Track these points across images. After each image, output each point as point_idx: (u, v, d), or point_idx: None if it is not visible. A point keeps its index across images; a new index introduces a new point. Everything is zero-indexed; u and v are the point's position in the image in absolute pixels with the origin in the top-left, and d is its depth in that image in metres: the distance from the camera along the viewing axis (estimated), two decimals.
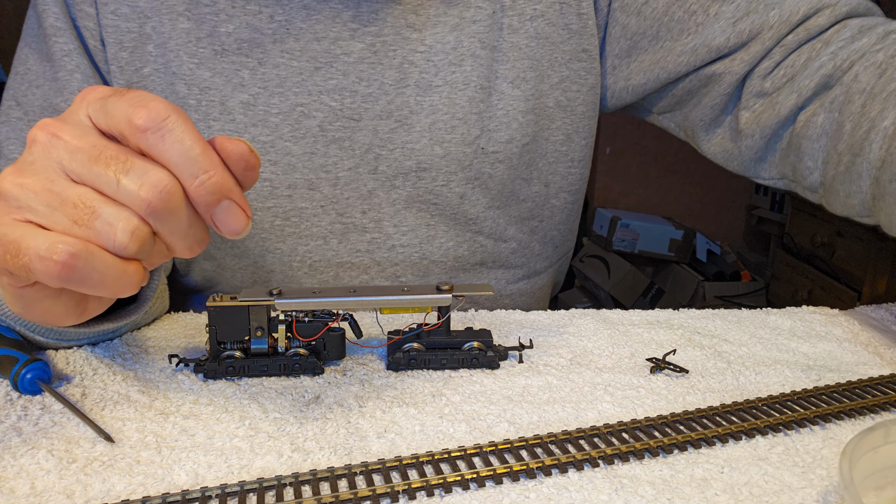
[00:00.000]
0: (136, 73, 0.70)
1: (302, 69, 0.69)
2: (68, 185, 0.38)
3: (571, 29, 0.74)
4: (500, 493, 0.42)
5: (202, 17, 0.68)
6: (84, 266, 0.37)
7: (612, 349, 0.61)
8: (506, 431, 0.48)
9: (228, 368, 0.54)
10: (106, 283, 0.38)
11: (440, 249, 0.75)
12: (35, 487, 0.42)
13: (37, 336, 0.55)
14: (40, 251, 0.37)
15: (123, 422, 0.48)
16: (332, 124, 0.70)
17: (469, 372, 0.56)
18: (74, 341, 0.58)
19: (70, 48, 0.70)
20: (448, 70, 0.71)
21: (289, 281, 0.74)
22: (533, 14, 0.73)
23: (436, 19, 0.71)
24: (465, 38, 0.71)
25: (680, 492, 0.42)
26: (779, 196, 2.67)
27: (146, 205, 0.37)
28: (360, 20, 0.69)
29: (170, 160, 0.38)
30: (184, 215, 0.39)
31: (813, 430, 0.50)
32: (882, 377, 0.56)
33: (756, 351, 0.61)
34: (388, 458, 0.44)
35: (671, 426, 0.48)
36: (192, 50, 0.69)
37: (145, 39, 0.69)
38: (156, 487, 0.42)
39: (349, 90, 0.70)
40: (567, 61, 0.75)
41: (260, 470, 0.44)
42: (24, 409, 0.49)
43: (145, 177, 0.37)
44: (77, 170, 0.38)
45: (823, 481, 0.44)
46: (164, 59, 0.69)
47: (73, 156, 0.38)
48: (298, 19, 0.69)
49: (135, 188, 0.37)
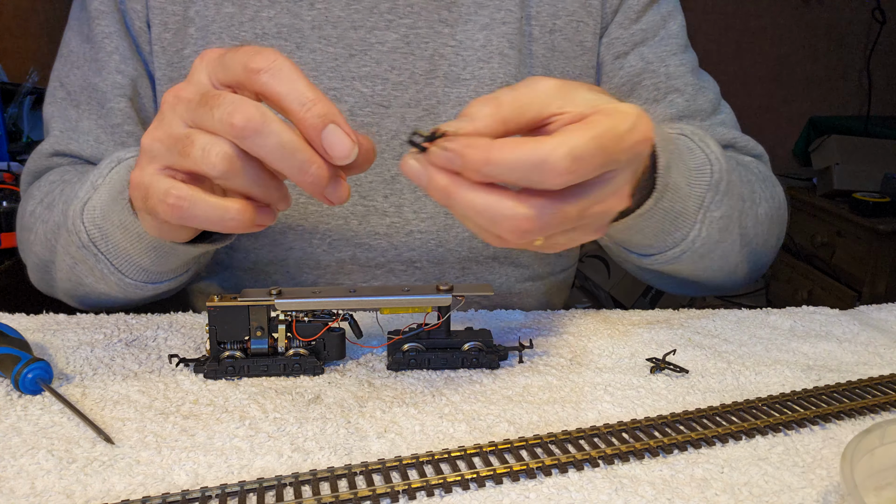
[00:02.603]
0: (177, 55, 0.73)
1: (337, 55, 0.72)
2: (181, 128, 0.45)
3: (585, 46, 0.77)
4: (500, 493, 0.42)
5: (246, 3, 0.71)
6: (190, 206, 0.45)
7: (612, 349, 0.61)
8: (506, 431, 0.48)
9: (228, 368, 0.54)
10: (212, 220, 0.46)
11: (456, 239, 0.77)
12: (35, 487, 0.42)
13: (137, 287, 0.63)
14: (159, 195, 0.46)
15: (123, 422, 0.48)
16: (362, 110, 0.73)
17: (469, 372, 0.56)
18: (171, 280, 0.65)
19: (111, 31, 0.73)
20: (476, 66, 0.74)
21: (306, 258, 0.75)
22: (553, 28, 0.76)
23: (467, 17, 0.74)
24: (495, 38, 0.74)
25: (680, 492, 0.42)
26: None
27: (232, 128, 0.43)
28: (396, 12, 0.72)
29: (280, 93, 0.43)
30: (273, 137, 0.43)
31: (813, 430, 0.50)
32: (882, 377, 0.56)
33: (756, 351, 0.61)
34: (388, 458, 0.44)
35: (671, 426, 0.49)
36: (234, 33, 0.71)
37: (188, 22, 0.72)
38: (156, 487, 0.42)
39: (381, 78, 0.73)
40: (576, 77, 0.78)
41: (260, 470, 0.44)
42: (24, 409, 0.49)
43: (232, 106, 0.43)
44: (188, 115, 0.45)
45: (823, 481, 0.44)
46: (204, 41, 0.72)
47: (186, 105, 0.45)
48: (338, 8, 0.72)
49: (224, 116, 0.43)
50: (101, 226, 0.61)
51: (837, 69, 2.77)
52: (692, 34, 0.85)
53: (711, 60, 2.66)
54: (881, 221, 2.10)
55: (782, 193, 0.80)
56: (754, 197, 0.72)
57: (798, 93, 2.78)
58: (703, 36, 2.62)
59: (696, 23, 2.60)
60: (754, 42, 2.69)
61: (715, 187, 0.61)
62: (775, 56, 2.72)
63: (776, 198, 0.78)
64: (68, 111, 0.75)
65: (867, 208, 2.13)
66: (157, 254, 0.61)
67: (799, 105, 2.79)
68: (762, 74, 2.73)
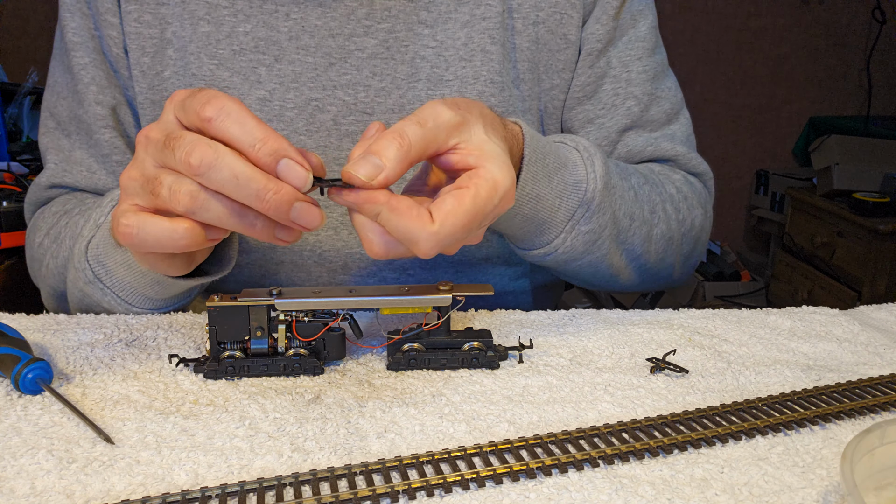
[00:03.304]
0: (157, 77, 0.72)
1: (317, 65, 0.71)
2: (152, 168, 0.48)
3: (569, 39, 0.76)
4: (500, 493, 0.42)
5: (221, 20, 0.71)
6: (139, 231, 0.48)
7: (612, 349, 0.61)
8: (506, 431, 0.48)
9: (228, 368, 0.54)
10: (162, 241, 0.49)
11: None
12: (35, 487, 0.42)
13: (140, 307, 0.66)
14: (116, 225, 0.49)
15: (123, 422, 0.48)
16: (346, 118, 0.72)
17: (469, 372, 0.56)
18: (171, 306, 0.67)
19: (86, 62, 0.73)
20: (459, 65, 0.73)
21: (297, 270, 0.75)
22: (535, 20, 0.75)
23: (447, 16, 0.73)
24: (476, 35, 0.73)
25: (680, 492, 0.42)
26: (779, 196, 2.67)
27: (189, 167, 0.46)
28: (374, 17, 0.72)
29: (232, 137, 0.46)
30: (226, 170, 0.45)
31: (813, 430, 0.50)
32: (882, 377, 0.56)
33: (756, 351, 0.61)
34: (388, 458, 0.44)
35: (671, 426, 0.49)
36: (212, 52, 0.71)
37: (166, 44, 0.72)
38: (156, 487, 0.42)
39: (362, 85, 0.72)
40: (560, 70, 0.77)
41: (260, 470, 0.44)
42: (24, 409, 0.49)
43: (190, 146, 0.46)
44: (157, 156, 0.48)
45: (823, 481, 0.44)
46: (183, 61, 0.71)
47: (155, 146, 0.48)
48: (314, 17, 0.71)
49: (182, 156, 0.46)
50: (104, 263, 0.63)
51: (837, 69, 2.78)
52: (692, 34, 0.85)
53: (711, 60, 2.66)
54: (881, 221, 2.10)
55: (702, 217, 0.82)
56: (651, 217, 0.74)
57: (798, 93, 2.78)
58: (703, 36, 2.62)
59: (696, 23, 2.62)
60: (754, 42, 2.69)
61: (587, 204, 0.64)
62: (775, 56, 2.72)
63: (687, 221, 0.79)
64: (61, 141, 0.77)
65: (867, 208, 2.13)
66: (160, 287, 0.62)
67: (799, 105, 2.79)
68: (762, 74, 2.73)
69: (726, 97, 2.72)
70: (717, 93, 2.70)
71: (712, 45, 2.64)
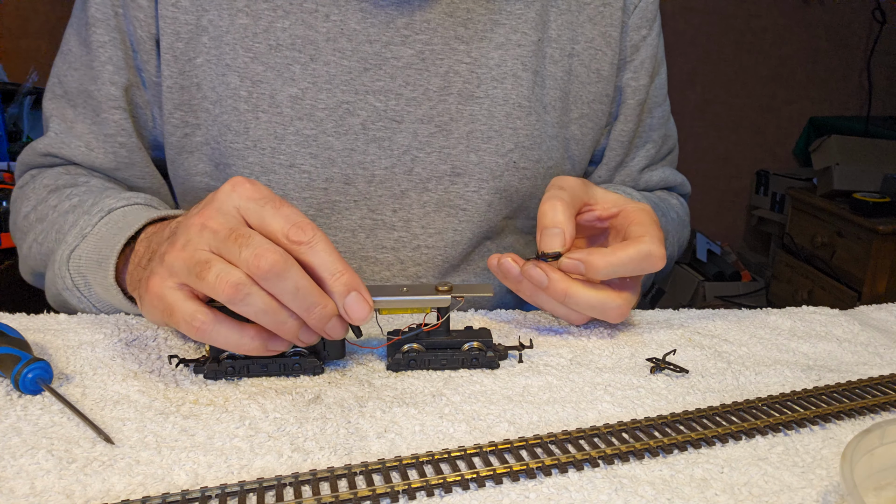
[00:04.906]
0: (189, 63, 0.72)
1: (351, 68, 0.72)
2: (204, 254, 0.50)
3: (602, 74, 0.79)
4: (500, 493, 0.42)
5: (260, 13, 0.71)
6: (212, 331, 0.50)
7: (612, 349, 0.61)
8: (506, 431, 0.48)
9: (228, 368, 0.54)
10: (229, 343, 0.51)
11: (461, 254, 0.78)
12: (35, 487, 0.42)
13: None
14: (186, 317, 0.50)
15: (123, 422, 0.48)
16: (375, 124, 0.73)
17: (469, 372, 0.56)
18: None
19: (105, 40, 0.73)
20: (490, 84, 0.74)
21: None
22: (571, 52, 0.77)
23: (482, 34, 0.74)
24: (510, 59, 0.74)
25: (680, 492, 0.42)
26: (779, 196, 2.67)
27: (258, 269, 0.48)
28: (413, 28, 0.72)
29: (315, 264, 0.50)
30: (291, 281, 0.49)
31: (813, 430, 0.50)
32: (882, 377, 0.56)
33: (756, 351, 0.61)
34: (388, 458, 0.44)
35: (671, 426, 0.49)
36: (248, 45, 0.71)
37: (201, 31, 0.72)
38: (156, 487, 0.42)
39: (394, 93, 0.73)
40: (590, 101, 0.80)
41: (260, 470, 0.44)
42: (24, 409, 0.49)
43: (260, 249, 0.48)
44: (213, 244, 0.50)
45: (823, 481, 0.44)
46: (217, 51, 0.71)
47: (213, 235, 0.50)
48: (353, 21, 0.71)
49: (250, 257, 0.48)
50: (84, 275, 0.64)
51: (837, 69, 2.78)
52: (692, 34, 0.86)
53: (711, 60, 2.67)
54: (881, 221, 2.10)
55: (688, 233, 0.93)
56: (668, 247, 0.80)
57: (798, 93, 2.78)
58: (703, 36, 2.62)
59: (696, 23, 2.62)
60: (754, 42, 2.69)
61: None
62: (775, 56, 2.72)
63: (683, 241, 0.92)
64: (66, 110, 0.76)
65: (867, 208, 2.13)
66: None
67: (799, 105, 2.79)
68: (762, 74, 2.73)
69: (727, 97, 2.72)
70: (717, 93, 2.70)
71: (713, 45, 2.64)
